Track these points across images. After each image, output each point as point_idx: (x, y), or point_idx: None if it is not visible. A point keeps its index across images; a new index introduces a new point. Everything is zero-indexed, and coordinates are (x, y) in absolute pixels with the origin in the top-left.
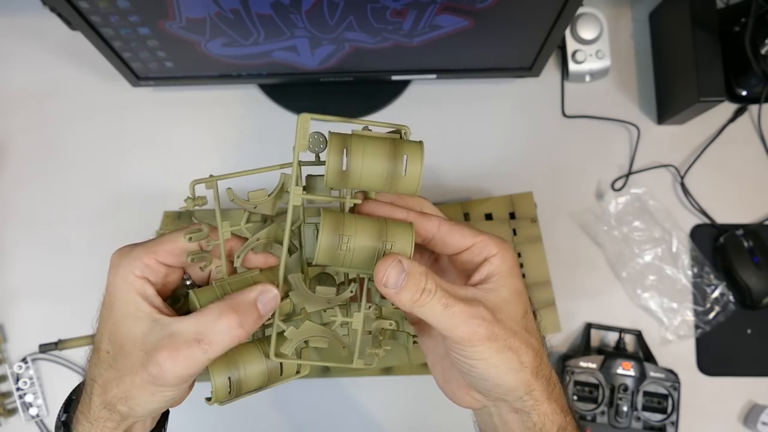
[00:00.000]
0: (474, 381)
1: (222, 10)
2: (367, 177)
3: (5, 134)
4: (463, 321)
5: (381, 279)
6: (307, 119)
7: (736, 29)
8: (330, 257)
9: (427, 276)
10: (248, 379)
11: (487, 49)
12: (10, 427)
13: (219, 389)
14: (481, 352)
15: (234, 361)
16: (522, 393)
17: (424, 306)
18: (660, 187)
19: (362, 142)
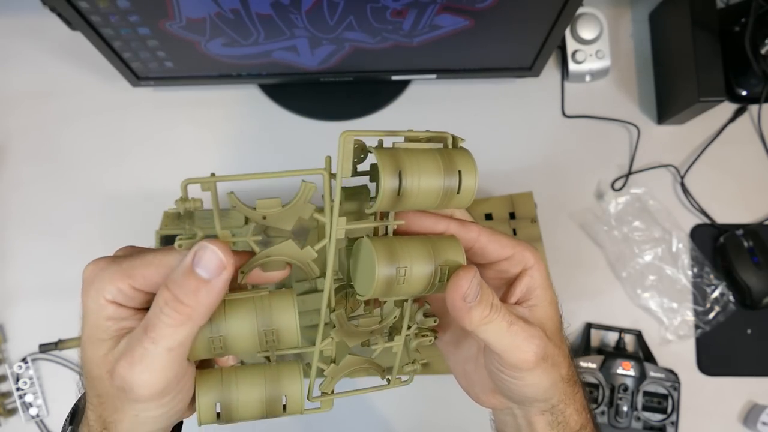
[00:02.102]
0: (510, 391)
1: (222, 10)
2: (423, 199)
3: (5, 134)
4: (524, 341)
5: (463, 292)
6: (351, 139)
7: (736, 29)
8: (386, 291)
9: (492, 291)
10: (242, 407)
11: (487, 49)
12: (10, 427)
13: (203, 410)
14: (531, 373)
15: (228, 382)
16: (555, 401)
17: (491, 323)
18: (660, 187)
19: (415, 158)
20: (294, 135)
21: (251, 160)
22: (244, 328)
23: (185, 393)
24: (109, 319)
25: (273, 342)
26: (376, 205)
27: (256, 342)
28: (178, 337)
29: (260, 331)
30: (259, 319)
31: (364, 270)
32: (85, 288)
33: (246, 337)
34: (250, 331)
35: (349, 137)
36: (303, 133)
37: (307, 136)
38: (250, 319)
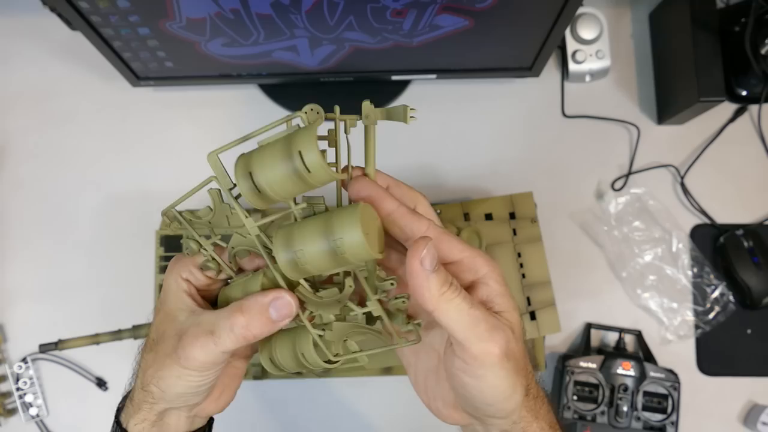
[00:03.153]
0: (467, 399)
1: (222, 10)
2: (279, 187)
3: (5, 134)
4: (488, 331)
5: (420, 254)
6: (215, 158)
7: (736, 29)
8: (299, 272)
9: (450, 275)
10: (283, 362)
11: (487, 49)
12: (10, 427)
13: (263, 361)
14: (494, 373)
15: (274, 345)
16: (516, 417)
17: (451, 301)
18: (660, 187)
19: (258, 154)
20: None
21: None
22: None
23: (216, 374)
24: (184, 292)
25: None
26: (251, 203)
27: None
28: (233, 347)
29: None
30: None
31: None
32: (168, 271)
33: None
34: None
35: (212, 157)
36: None
37: None
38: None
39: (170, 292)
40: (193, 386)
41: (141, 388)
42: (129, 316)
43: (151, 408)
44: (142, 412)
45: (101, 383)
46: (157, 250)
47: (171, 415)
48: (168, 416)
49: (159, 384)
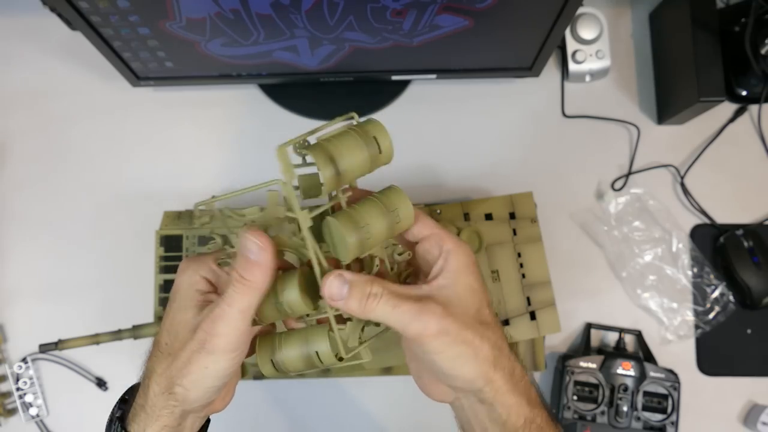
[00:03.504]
0: (438, 374)
1: (222, 10)
2: (357, 169)
3: (5, 134)
4: (413, 318)
5: (326, 294)
6: (285, 151)
7: (736, 29)
8: (360, 250)
9: (372, 282)
10: (287, 362)
11: (487, 49)
12: (10, 427)
13: (261, 364)
14: (436, 346)
15: (277, 345)
16: (482, 384)
17: (374, 310)
18: (660, 187)
19: (339, 142)
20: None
21: (251, 160)
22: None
23: (242, 358)
24: (198, 291)
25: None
26: (325, 190)
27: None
28: (245, 301)
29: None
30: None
31: (339, 241)
32: (180, 272)
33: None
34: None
35: (282, 151)
36: None
37: None
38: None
39: (181, 290)
40: (221, 374)
41: (161, 392)
42: (129, 316)
43: (172, 413)
44: (162, 418)
45: (101, 383)
46: (157, 250)
47: (188, 418)
48: (185, 420)
49: (184, 383)
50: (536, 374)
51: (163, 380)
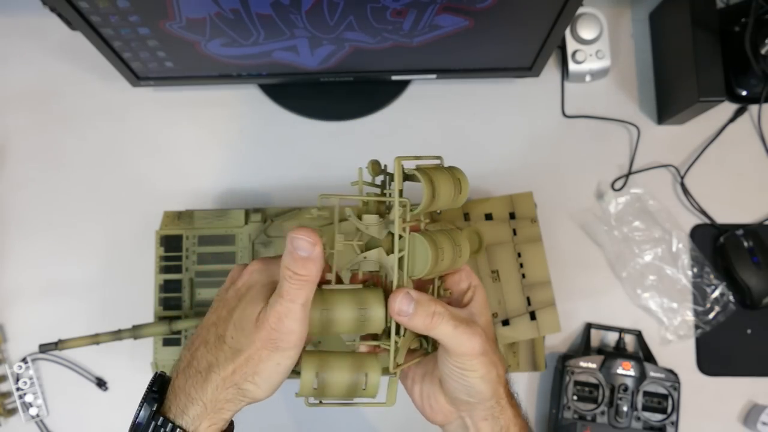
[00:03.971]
0: (459, 390)
1: (222, 10)
2: (444, 200)
3: (5, 134)
4: (468, 338)
5: (394, 309)
6: (400, 163)
7: (736, 29)
8: (432, 270)
9: (435, 302)
10: (332, 386)
11: (487, 49)
12: (10, 427)
13: (304, 383)
14: (474, 364)
15: (326, 362)
16: (494, 401)
17: (436, 327)
18: (660, 187)
19: (438, 175)
20: (294, 135)
21: (251, 160)
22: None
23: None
24: (270, 290)
25: (363, 322)
26: (421, 208)
27: (351, 321)
28: (303, 294)
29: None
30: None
31: (419, 257)
32: (258, 268)
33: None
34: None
35: (399, 162)
36: (303, 133)
37: (307, 136)
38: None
39: (256, 287)
40: (289, 369)
41: (227, 388)
42: (129, 316)
43: (236, 407)
44: (225, 412)
45: (101, 383)
46: (157, 250)
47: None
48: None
49: (257, 380)
50: (536, 374)
51: (231, 375)
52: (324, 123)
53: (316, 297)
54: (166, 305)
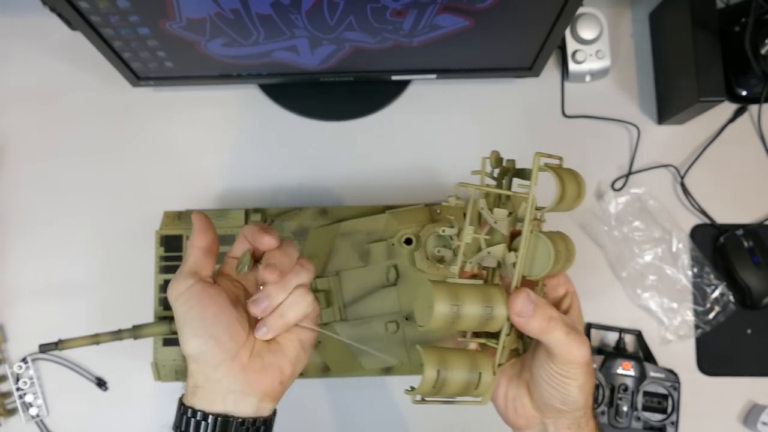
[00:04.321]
0: (554, 397)
1: (222, 10)
2: (569, 203)
3: (5, 134)
4: (579, 346)
5: (515, 309)
6: (538, 159)
7: (736, 29)
8: (552, 271)
9: (550, 306)
10: (450, 384)
11: (487, 49)
12: (10, 427)
13: (426, 381)
14: (577, 373)
15: (445, 359)
16: (583, 412)
17: (551, 332)
18: (660, 187)
19: (567, 176)
20: (294, 135)
21: (251, 160)
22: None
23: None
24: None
25: (487, 320)
26: (550, 207)
27: (478, 318)
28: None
29: (483, 309)
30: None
31: (541, 258)
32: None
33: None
34: (476, 310)
35: (538, 158)
36: (303, 133)
37: (307, 136)
38: (478, 301)
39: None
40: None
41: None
42: (129, 316)
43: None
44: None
45: (101, 383)
46: (157, 250)
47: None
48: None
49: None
50: None
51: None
52: (324, 123)
53: (446, 291)
54: (166, 305)
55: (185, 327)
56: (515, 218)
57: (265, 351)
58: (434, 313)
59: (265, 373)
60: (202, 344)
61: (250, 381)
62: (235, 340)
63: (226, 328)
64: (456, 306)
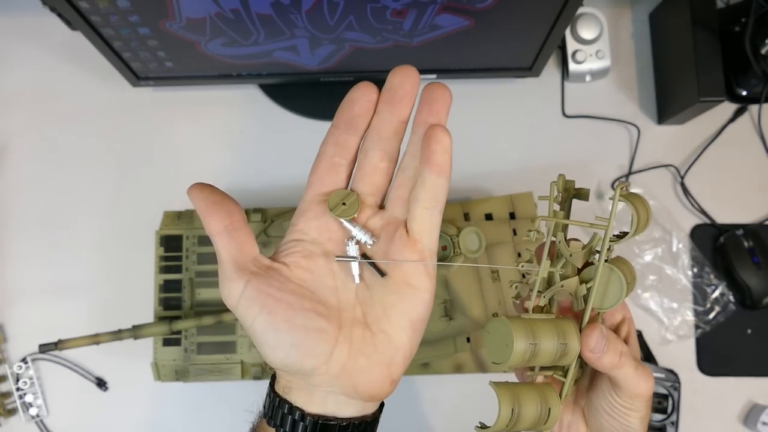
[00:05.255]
0: (613, 428)
1: (222, 10)
2: (642, 228)
3: (5, 134)
4: (645, 380)
5: (590, 346)
6: (620, 189)
7: (736, 29)
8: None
9: (620, 340)
10: (522, 420)
11: (487, 49)
12: (10, 427)
13: (502, 419)
14: (640, 406)
15: (518, 395)
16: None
17: (621, 367)
18: (660, 187)
19: (639, 202)
20: (294, 135)
21: (251, 160)
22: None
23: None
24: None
25: (561, 356)
26: (630, 237)
27: (553, 354)
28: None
29: (558, 345)
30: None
31: (613, 289)
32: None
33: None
34: (552, 346)
35: (620, 187)
36: (303, 133)
37: (307, 136)
38: (553, 337)
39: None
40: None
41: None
42: (129, 316)
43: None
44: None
45: (101, 383)
46: (157, 250)
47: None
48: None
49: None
50: None
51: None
52: (324, 123)
53: (524, 328)
54: (166, 305)
55: (257, 340)
56: (590, 251)
57: (368, 344)
58: (514, 352)
59: (371, 372)
60: (284, 357)
61: (354, 384)
62: (324, 340)
63: (307, 331)
64: (534, 344)
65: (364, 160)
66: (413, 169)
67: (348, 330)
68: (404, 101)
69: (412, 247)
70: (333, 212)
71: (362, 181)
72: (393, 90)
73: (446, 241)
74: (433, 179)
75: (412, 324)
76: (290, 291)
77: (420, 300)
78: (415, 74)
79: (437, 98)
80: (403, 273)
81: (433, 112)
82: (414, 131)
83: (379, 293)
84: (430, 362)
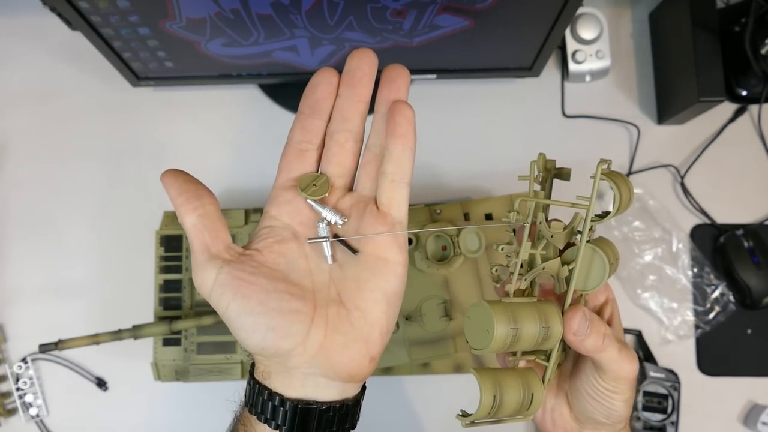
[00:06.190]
0: (597, 411)
1: (222, 10)
2: (623, 209)
3: (5, 134)
4: (629, 363)
5: (572, 329)
6: (601, 167)
7: (736, 29)
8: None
9: (603, 322)
10: (505, 406)
11: (487, 49)
12: (10, 427)
13: (484, 406)
14: (624, 388)
15: (499, 381)
16: (623, 424)
17: (604, 350)
18: (660, 187)
19: (621, 182)
20: None
21: (251, 160)
22: (531, 326)
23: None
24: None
25: (544, 339)
26: (610, 217)
27: (536, 338)
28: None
29: (540, 329)
30: (540, 321)
31: (596, 270)
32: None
33: (531, 334)
34: (534, 330)
35: (601, 165)
36: None
37: None
38: (535, 321)
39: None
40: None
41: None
42: (129, 316)
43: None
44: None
45: (101, 383)
46: (157, 250)
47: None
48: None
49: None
50: None
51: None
52: None
53: (505, 312)
54: (166, 305)
55: (233, 326)
56: (571, 231)
57: (344, 322)
58: (494, 337)
59: (349, 350)
60: (260, 340)
61: (332, 363)
62: (300, 320)
63: (282, 313)
64: (515, 328)
65: (330, 143)
66: (379, 147)
67: (323, 309)
68: (363, 82)
69: (382, 221)
70: (304, 193)
71: (330, 163)
72: (352, 72)
73: (446, 241)
74: (399, 151)
75: (387, 298)
76: (263, 275)
77: (393, 273)
78: (371, 55)
79: (396, 76)
80: (375, 247)
81: (394, 90)
82: (377, 110)
83: (352, 270)
84: (430, 362)
